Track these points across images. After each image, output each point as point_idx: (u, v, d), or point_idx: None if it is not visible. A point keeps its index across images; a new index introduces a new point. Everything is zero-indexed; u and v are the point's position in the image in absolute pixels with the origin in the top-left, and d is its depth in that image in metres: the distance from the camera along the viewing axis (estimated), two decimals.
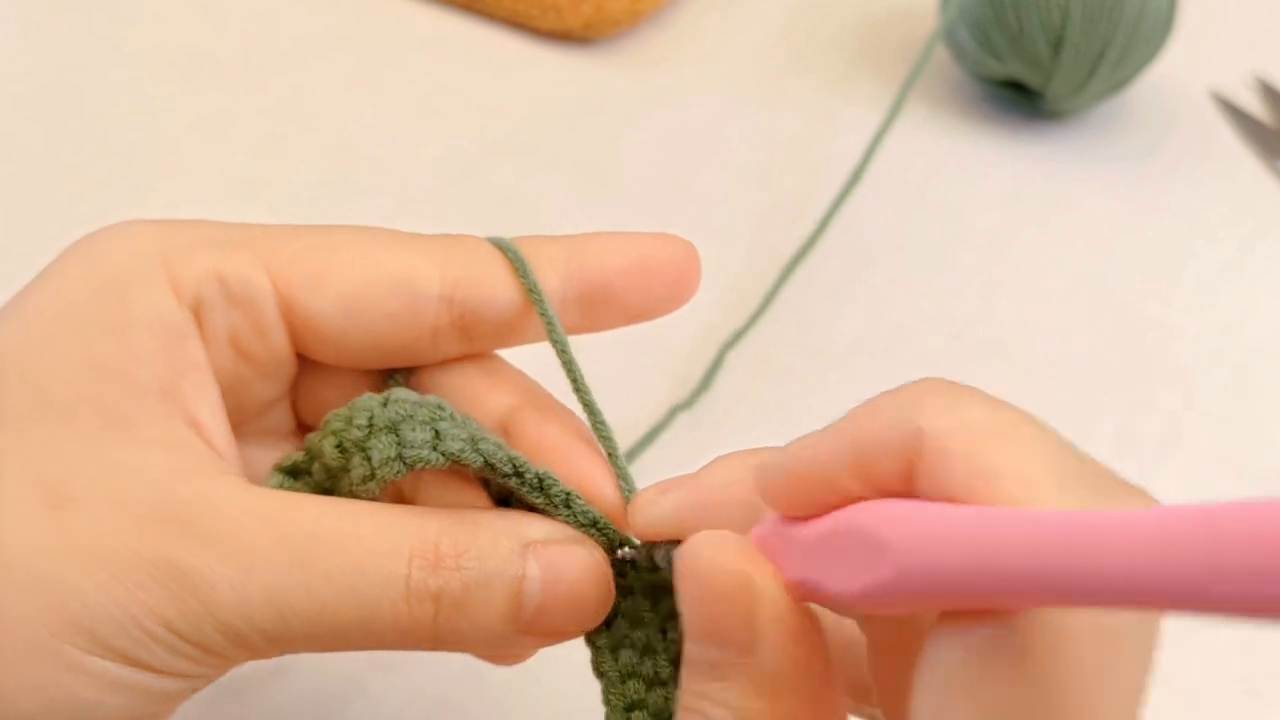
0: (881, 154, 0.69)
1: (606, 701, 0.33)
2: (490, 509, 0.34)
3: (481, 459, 0.32)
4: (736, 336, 0.59)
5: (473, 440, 0.32)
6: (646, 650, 0.33)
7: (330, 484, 0.33)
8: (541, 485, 0.33)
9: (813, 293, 0.62)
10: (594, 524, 0.34)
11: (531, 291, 0.35)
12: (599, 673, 0.33)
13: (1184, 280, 0.64)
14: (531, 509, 0.34)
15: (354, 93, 0.72)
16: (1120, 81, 0.69)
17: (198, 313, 0.33)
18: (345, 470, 0.32)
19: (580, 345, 0.36)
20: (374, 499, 0.32)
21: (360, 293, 0.33)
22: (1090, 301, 0.63)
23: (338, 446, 0.32)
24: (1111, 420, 0.57)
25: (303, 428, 0.37)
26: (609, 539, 0.34)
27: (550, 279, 0.35)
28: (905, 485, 0.25)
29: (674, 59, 0.75)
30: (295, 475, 0.34)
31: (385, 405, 0.32)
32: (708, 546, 0.28)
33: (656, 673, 0.33)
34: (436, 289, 0.34)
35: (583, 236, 0.36)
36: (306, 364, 0.36)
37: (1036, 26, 0.66)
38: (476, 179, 0.67)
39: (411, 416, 0.32)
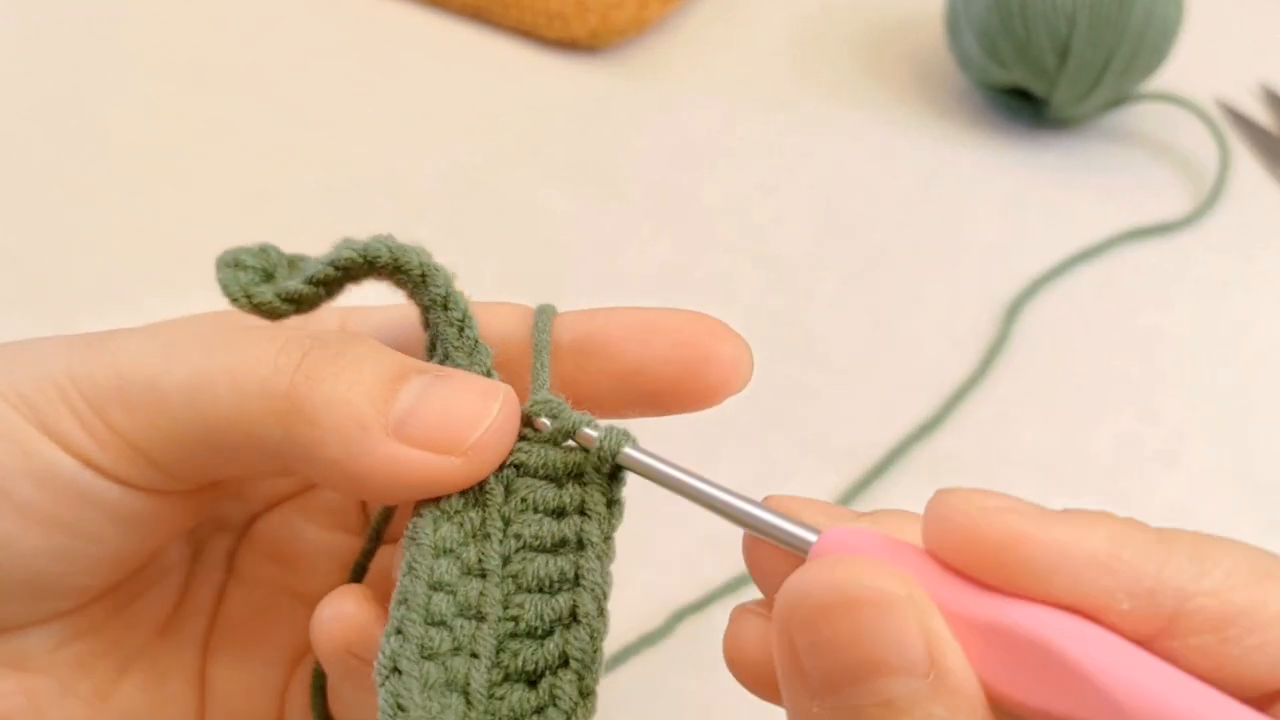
0: (884, 160, 0.69)
1: (409, 570, 0.29)
2: None
3: (390, 255, 0.32)
4: None
5: (391, 243, 0.32)
6: (477, 536, 0.30)
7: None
8: (462, 322, 0.32)
9: (816, 300, 0.62)
10: (488, 374, 0.32)
11: (536, 327, 0.34)
12: (409, 538, 0.30)
13: (1187, 289, 0.64)
14: None
15: (361, 101, 0.72)
16: (1125, 90, 0.69)
17: None
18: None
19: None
20: None
21: (394, 329, 0.36)
22: (1092, 309, 0.63)
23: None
24: (1114, 429, 0.57)
25: None
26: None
27: (555, 329, 0.34)
28: (1128, 628, 0.24)
29: (679, 68, 0.75)
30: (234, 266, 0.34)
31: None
32: (839, 564, 0.24)
33: (481, 562, 0.30)
34: None
35: (608, 308, 0.35)
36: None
37: (1043, 35, 0.66)
38: (483, 186, 0.67)
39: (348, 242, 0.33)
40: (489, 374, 0.32)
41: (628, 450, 0.30)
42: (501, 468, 0.31)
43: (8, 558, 0.30)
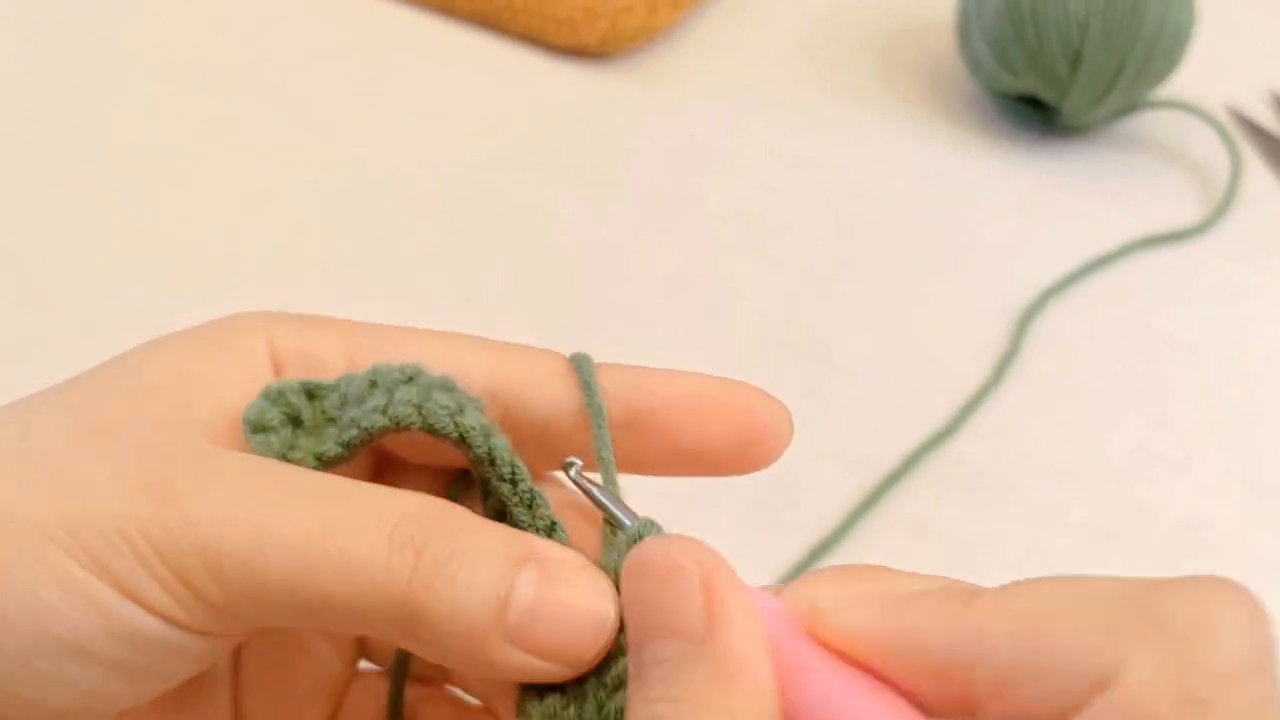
0: (895, 166, 0.69)
1: None
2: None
3: (421, 419, 0.31)
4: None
5: (422, 401, 0.31)
6: (577, 698, 0.30)
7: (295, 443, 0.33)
8: (513, 476, 0.32)
9: (826, 305, 0.62)
10: (550, 529, 0.32)
11: (586, 397, 0.33)
12: (520, 712, 0.30)
13: (1199, 296, 0.64)
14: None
15: (366, 105, 0.72)
16: (1137, 97, 0.69)
17: (279, 369, 0.34)
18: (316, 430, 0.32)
19: None
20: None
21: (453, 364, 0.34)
22: (1104, 315, 0.62)
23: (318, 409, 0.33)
24: (1127, 435, 0.57)
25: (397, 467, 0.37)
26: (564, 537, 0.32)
27: (604, 389, 0.34)
28: (950, 708, 0.25)
29: (689, 74, 0.75)
30: (263, 430, 0.32)
31: (354, 382, 0.33)
32: (660, 542, 0.27)
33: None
34: (483, 382, 0.34)
35: (653, 368, 0.34)
36: (382, 463, 0.36)
37: (1055, 42, 0.66)
38: (492, 192, 0.67)
39: (375, 385, 0.32)
40: (552, 526, 0.32)
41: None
42: None
43: (98, 706, 0.30)
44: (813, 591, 0.27)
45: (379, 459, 0.36)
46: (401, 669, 0.36)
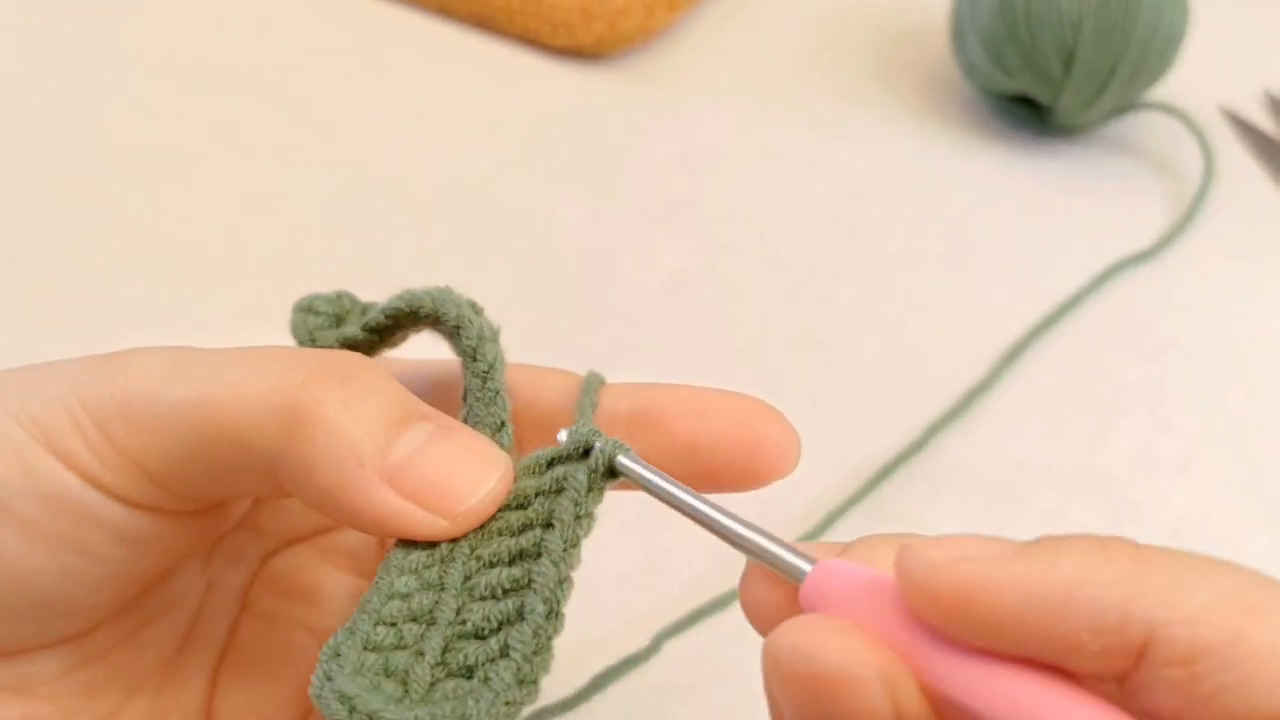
0: (890, 167, 0.69)
1: (374, 585, 0.30)
2: None
3: (432, 304, 0.33)
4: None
5: (435, 293, 0.34)
6: (444, 560, 0.31)
7: None
8: (487, 374, 0.33)
9: (825, 306, 0.62)
10: (500, 428, 0.33)
11: (582, 400, 0.34)
12: (383, 563, 0.31)
13: (1195, 299, 0.64)
14: None
15: (364, 106, 0.72)
16: (1131, 97, 0.69)
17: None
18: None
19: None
20: None
21: (441, 387, 0.36)
22: (1102, 320, 0.63)
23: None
24: (1125, 439, 0.57)
25: None
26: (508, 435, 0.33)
27: (606, 400, 0.34)
28: (1106, 665, 0.23)
29: (686, 76, 0.76)
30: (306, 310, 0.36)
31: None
32: (812, 630, 0.25)
33: (441, 579, 0.30)
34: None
35: (663, 383, 0.35)
36: None
37: (1049, 42, 0.66)
38: (489, 194, 0.67)
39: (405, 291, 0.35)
40: (503, 425, 0.33)
41: (622, 458, 0.31)
42: None
43: (12, 575, 0.30)
44: (936, 554, 0.25)
45: None
46: None
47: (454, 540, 0.31)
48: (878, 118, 0.73)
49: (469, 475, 0.30)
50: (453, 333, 0.33)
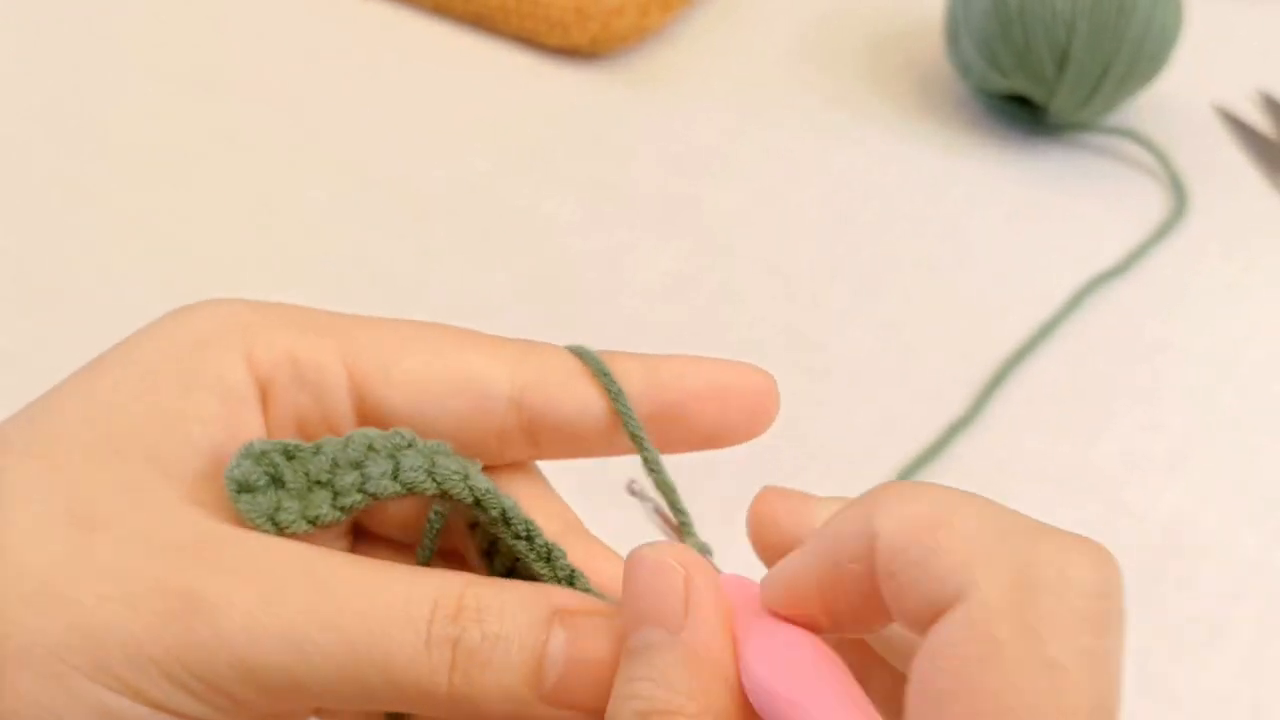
0: (885, 168, 0.70)
1: None
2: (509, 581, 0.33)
3: (436, 485, 0.31)
4: None
5: (431, 466, 0.31)
6: None
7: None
8: (528, 533, 0.32)
9: (820, 308, 0.63)
10: (570, 579, 0.32)
11: (616, 401, 0.34)
12: None
13: (1187, 298, 0.64)
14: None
15: (361, 105, 0.72)
16: (1124, 97, 0.69)
17: (267, 390, 0.33)
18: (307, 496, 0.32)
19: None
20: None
21: (429, 388, 0.34)
22: (1093, 319, 0.63)
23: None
24: (1118, 439, 0.58)
25: (358, 528, 0.36)
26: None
27: (624, 385, 0.35)
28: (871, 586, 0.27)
29: (681, 75, 0.76)
30: (249, 490, 0.31)
31: (346, 446, 0.32)
32: (653, 545, 0.29)
33: None
34: (506, 391, 0.34)
35: (660, 356, 0.36)
36: None
37: (1042, 42, 0.66)
38: (485, 193, 0.67)
39: (374, 450, 0.32)
40: (571, 575, 0.32)
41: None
42: None
43: None
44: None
45: None
46: None
47: None
48: (872, 117, 0.73)
49: (607, 664, 0.30)
50: (470, 505, 0.32)
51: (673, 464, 0.35)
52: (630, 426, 0.34)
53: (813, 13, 0.80)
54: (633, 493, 0.34)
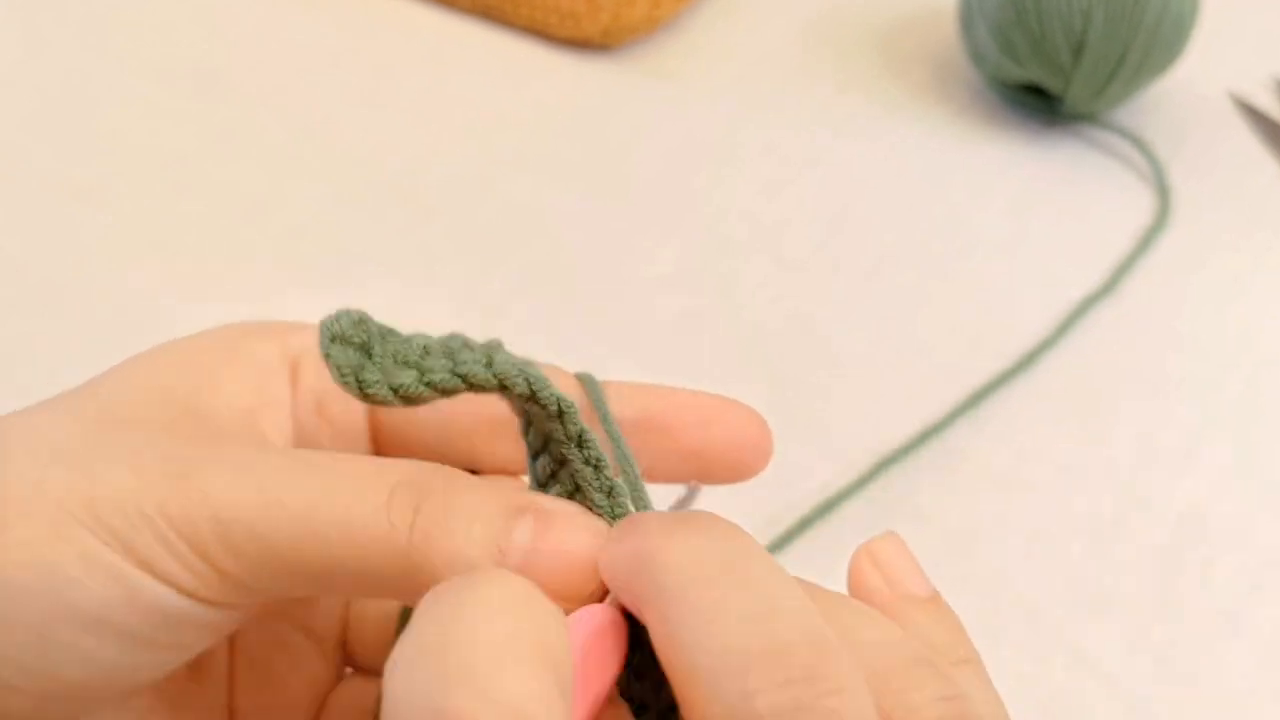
0: (897, 158, 0.69)
1: None
2: None
3: (527, 385, 0.31)
4: None
5: (524, 366, 0.31)
6: None
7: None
8: (581, 438, 0.32)
9: (830, 300, 0.62)
10: (609, 490, 0.32)
11: (598, 407, 0.35)
12: None
13: (1200, 287, 0.64)
14: None
15: (368, 102, 0.72)
16: (1139, 85, 0.69)
17: (296, 368, 0.36)
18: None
19: None
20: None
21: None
22: (1106, 310, 0.62)
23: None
24: (1130, 433, 0.57)
25: None
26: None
27: (611, 402, 0.36)
28: None
29: (692, 66, 0.75)
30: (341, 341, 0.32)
31: (443, 340, 0.33)
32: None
33: None
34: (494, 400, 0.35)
35: (657, 385, 0.38)
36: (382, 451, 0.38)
37: (1058, 31, 0.66)
38: (493, 187, 0.67)
39: (469, 347, 0.32)
40: (612, 489, 0.33)
41: None
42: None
43: (109, 676, 0.31)
44: None
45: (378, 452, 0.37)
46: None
47: None
48: (885, 108, 0.73)
49: (583, 560, 0.31)
50: (552, 415, 0.32)
51: None
52: (607, 427, 0.35)
53: (824, 2, 0.80)
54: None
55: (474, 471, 0.36)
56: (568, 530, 0.31)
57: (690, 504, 0.34)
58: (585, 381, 0.36)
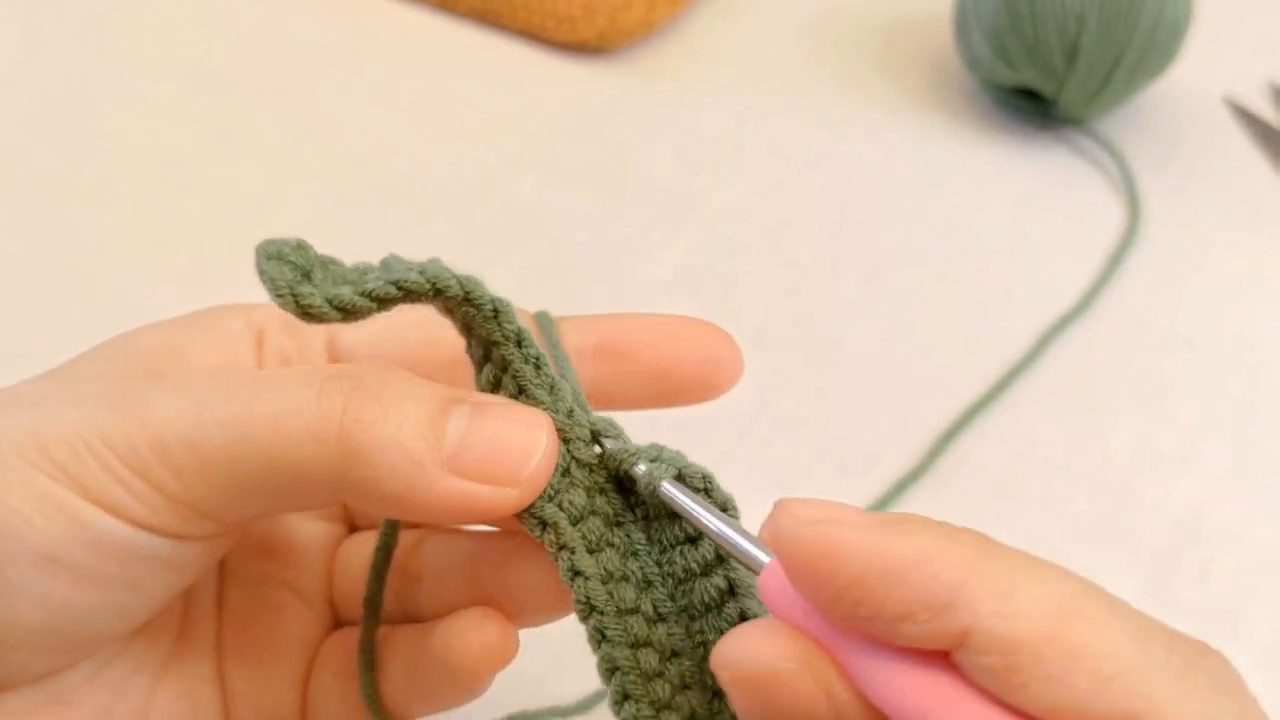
0: (893, 161, 0.69)
1: (598, 637, 0.31)
2: None
3: (460, 287, 0.32)
4: None
5: (455, 273, 0.32)
6: (631, 554, 0.32)
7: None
8: (519, 336, 0.33)
9: (830, 301, 0.62)
10: (568, 408, 0.33)
11: (552, 345, 0.35)
12: (570, 572, 0.31)
13: (1197, 290, 0.64)
14: None
15: (368, 103, 0.72)
16: (1134, 89, 0.69)
17: (261, 335, 0.36)
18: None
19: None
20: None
21: (390, 327, 0.36)
22: (1103, 312, 0.63)
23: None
24: (1129, 432, 0.57)
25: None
26: (586, 429, 0.33)
27: (570, 336, 0.36)
28: (932, 640, 0.25)
29: (688, 69, 0.76)
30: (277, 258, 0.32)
31: (380, 263, 0.33)
32: (750, 636, 0.27)
33: (646, 577, 0.32)
34: (451, 340, 0.35)
35: (617, 313, 0.38)
36: None
37: (1052, 35, 0.66)
38: (492, 189, 0.67)
39: (402, 262, 0.33)
40: (571, 411, 0.33)
41: (666, 485, 0.32)
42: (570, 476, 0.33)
43: (65, 620, 0.31)
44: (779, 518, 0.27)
45: None
46: (375, 599, 0.37)
47: (603, 514, 0.33)
48: (881, 110, 0.73)
49: (520, 440, 0.31)
50: (488, 316, 0.32)
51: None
52: (556, 353, 0.35)
53: (820, 5, 0.80)
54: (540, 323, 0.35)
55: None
56: (504, 419, 0.31)
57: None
58: (539, 319, 0.36)
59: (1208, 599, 0.52)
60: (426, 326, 0.35)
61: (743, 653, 0.27)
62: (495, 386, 0.33)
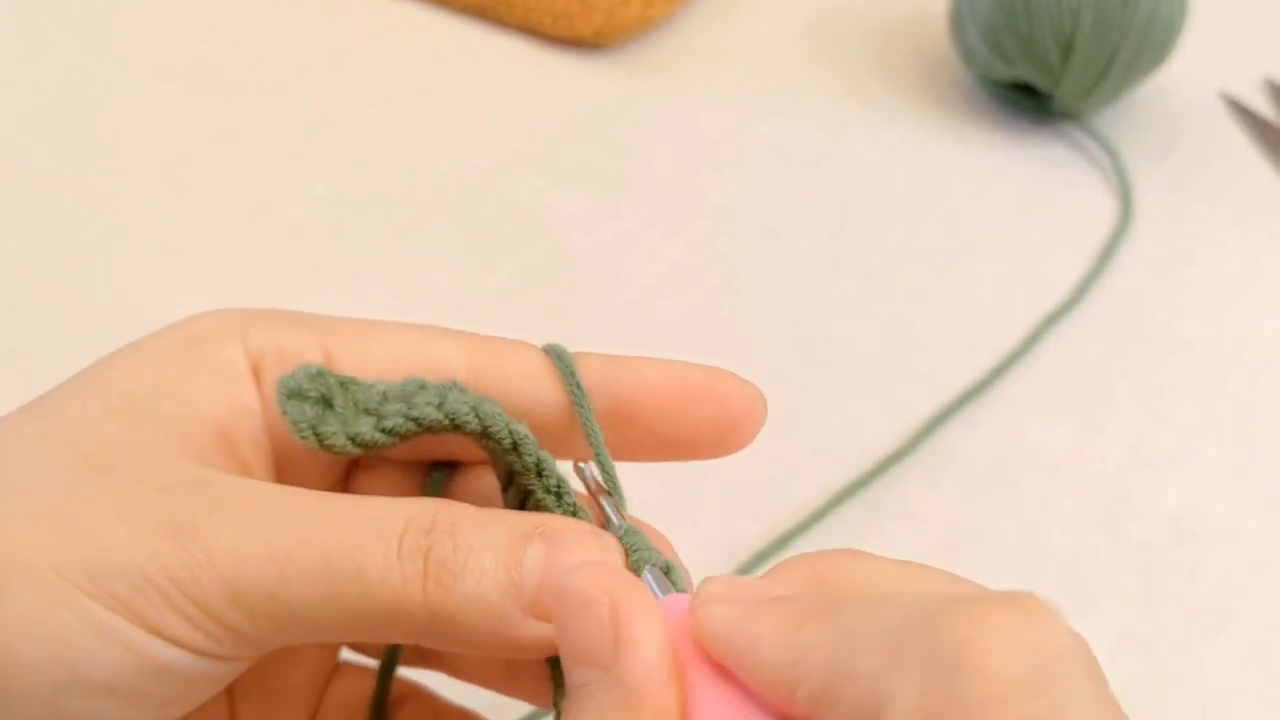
0: (890, 158, 0.70)
1: None
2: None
3: (479, 422, 0.32)
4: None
5: (476, 404, 0.32)
6: None
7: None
8: (539, 467, 0.32)
9: (819, 299, 0.63)
10: (573, 515, 0.33)
11: (574, 394, 0.34)
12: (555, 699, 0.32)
13: (1192, 286, 0.64)
14: None
15: (365, 102, 0.72)
16: (1130, 85, 0.69)
17: (259, 370, 0.35)
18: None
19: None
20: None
21: (394, 367, 0.35)
22: (1097, 311, 0.63)
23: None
24: (1126, 432, 0.58)
25: None
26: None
27: (584, 382, 0.35)
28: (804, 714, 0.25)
29: (686, 65, 0.76)
30: (298, 397, 0.33)
31: (400, 386, 0.33)
32: (576, 573, 0.28)
33: None
34: (462, 373, 0.34)
35: (627, 355, 0.36)
36: (356, 463, 0.37)
37: (1047, 31, 0.66)
38: (492, 187, 0.67)
39: (424, 389, 0.33)
40: (575, 511, 0.33)
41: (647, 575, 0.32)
42: None
43: None
44: (709, 591, 0.28)
45: (349, 462, 0.37)
46: (389, 666, 0.37)
47: None
48: (877, 106, 0.73)
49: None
50: (508, 449, 0.32)
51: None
52: (582, 418, 0.34)
53: (817, 2, 0.80)
54: (580, 473, 0.34)
55: (452, 460, 0.36)
56: (577, 546, 0.31)
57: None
58: (554, 355, 0.35)
59: (1198, 597, 0.52)
60: (426, 371, 0.35)
61: (569, 578, 0.27)
62: (520, 507, 0.34)
